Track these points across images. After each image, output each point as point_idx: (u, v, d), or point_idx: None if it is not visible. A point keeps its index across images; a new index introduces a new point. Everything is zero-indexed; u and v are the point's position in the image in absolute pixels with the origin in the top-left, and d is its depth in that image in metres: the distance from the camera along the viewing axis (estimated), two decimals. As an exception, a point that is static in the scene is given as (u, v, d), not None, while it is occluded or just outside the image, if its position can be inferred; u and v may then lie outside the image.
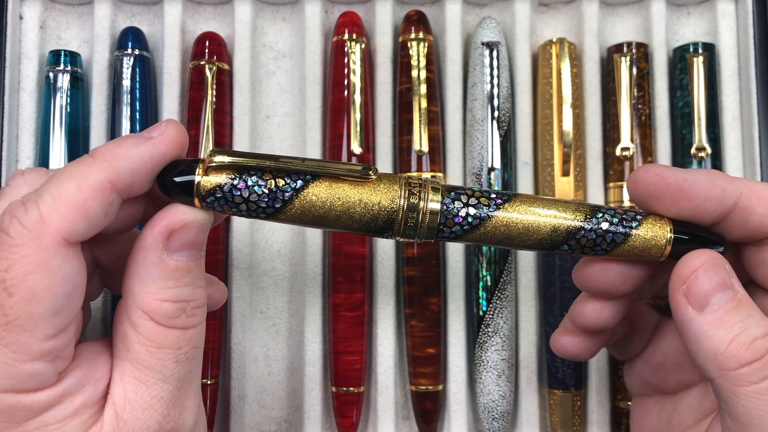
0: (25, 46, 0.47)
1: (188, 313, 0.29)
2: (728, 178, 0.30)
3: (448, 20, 0.48)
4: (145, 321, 0.28)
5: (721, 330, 0.28)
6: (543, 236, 0.31)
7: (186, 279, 0.28)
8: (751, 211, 0.30)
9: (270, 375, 0.47)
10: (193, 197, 0.29)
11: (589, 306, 0.34)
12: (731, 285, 0.29)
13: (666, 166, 0.31)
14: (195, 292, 0.29)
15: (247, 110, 0.47)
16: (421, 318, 0.45)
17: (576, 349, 0.36)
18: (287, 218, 0.30)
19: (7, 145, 0.45)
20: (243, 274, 0.46)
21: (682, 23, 0.50)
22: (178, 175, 0.29)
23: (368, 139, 0.46)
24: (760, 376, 0.27)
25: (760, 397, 0.27)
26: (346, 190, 0.30)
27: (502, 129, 0.46)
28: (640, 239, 0.31)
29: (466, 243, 0.32)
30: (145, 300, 0.28)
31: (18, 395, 0.26)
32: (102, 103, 0.46)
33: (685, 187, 0.30)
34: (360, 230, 0.30)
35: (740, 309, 0.28)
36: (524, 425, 0.46)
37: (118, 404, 0.28)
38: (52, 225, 0.25)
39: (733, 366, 0.27)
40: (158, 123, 0.29)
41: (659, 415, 0.36)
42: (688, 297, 0.29)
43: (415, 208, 0.30)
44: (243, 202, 0.29)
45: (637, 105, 0.47)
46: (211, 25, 0.49)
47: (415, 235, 0.31)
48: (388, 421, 0.46)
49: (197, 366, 0.30)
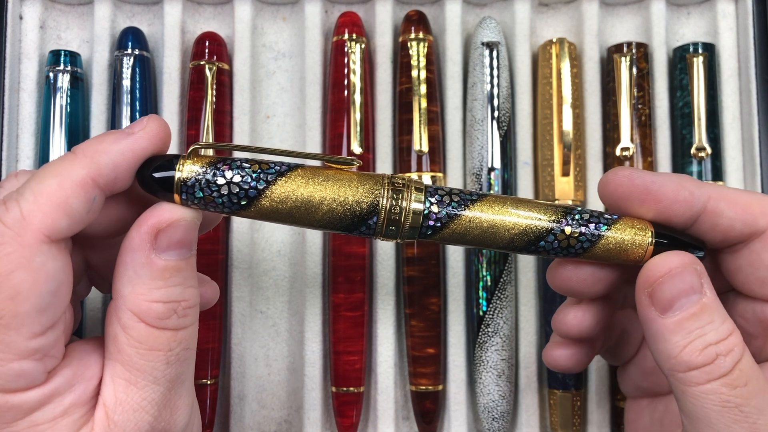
0: (25, 46, 0.47)
1: (179, 314, 0.28)
2: (697, 182, 0.31)
3: (448, 20, 0.48)
4: (135, 323, 0.28)
5: (678, 335, 0.28)
6: (515, 235, 0.31)
7: (176, 279, 0.28)
8: (719, 214, 0.30)
9: (270, 375, 0.47)
10: (172, 193, 0.29)
11: (571, 314, 0.34)
12: (698, 289, 0.29)
13: (635, 169, 0.31)
14: (186, 292, 0.29)
15: (247, 110, 0.47)
16: (421, 318, 0.45)
17: (569, 362, 0.36)
18: (269, 203, 0.29)
19: (7, 145, 0.45)
20: (243, 274, 0.46)
21: (682, 23, 0.50)
22: (156, 170, 0.29)
23: (368, 139, 0.46)
24: (706, 379, 0.28)
25: (704, 396, 0.28)
26: (329, 177, 0.30)
27: (502, 129, 0.46)
28: (614, 241, 0.31)
29: (444, 243, 0.31)
30: (135, 301, 0.27)
31: (6, 395, 0.26)
32: (102, 103, 0.46)
33: (653, 190, 0.30)
34: (341, 222, 0.30)
35: (701, 315, 0.28)
36: (524, 425, 0.46)
37: (108, 405, 0.28)
38: (34, 222, 0.25)
39: (683, 369, 0.28)
40: (140, 119, 0.29)
41: (651, 416, 0.36)
42: (652, 299, 0.29)
43: (398, 205, 0.30)
44: (226, 184, 0.29)
45: (637, 105, 0.47)
46: (211, 25, 0.49)
47: (397, 235, 0.30)
48: (388, 421, 0.46)
49: (189, 367, 0.30)
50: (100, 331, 0.45)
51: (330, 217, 0.30)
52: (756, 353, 0.32)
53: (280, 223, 0.30)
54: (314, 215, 0.30)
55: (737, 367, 0.28)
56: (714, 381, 0.28)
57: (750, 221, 0.30)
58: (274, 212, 0.29)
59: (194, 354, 0.30)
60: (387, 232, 0.30)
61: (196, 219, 0.29)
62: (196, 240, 0.29)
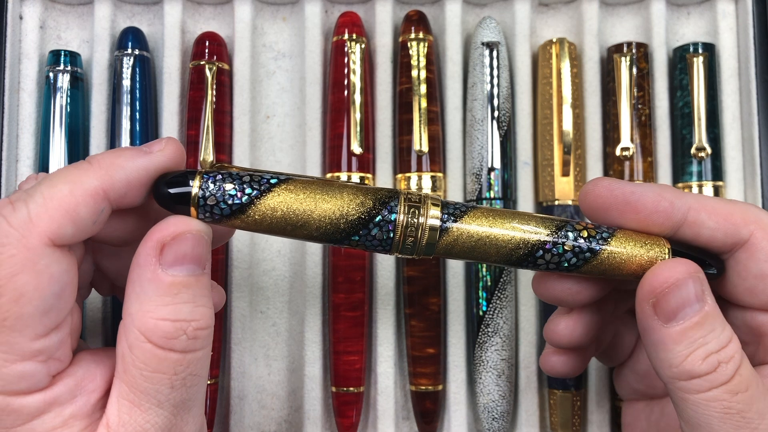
0: (25, 46, 0.47)
1: (189, 335, 0.27)
2: (678, 192, 0.31)
3: (448, 20, 0.48)
4: (142, 342, 0.27)
5: (681, 345, 0.28)
6: (511, 249, 0.30)
7: (185, 296, 0.27)
8: (701, 224, 0.30)
9: (270, 375, 0.47)
10: (189, 206, 0.28)
11: (562, 324, 0.34)
12: (701, 298, 0.29)
13: (615, 180, 0.31)
14: (196, 312, 0.27)
15: (247, 110, 0.47)
16: (421, 318, 0.45)
17: (566, 368, 0.36)
18: (275, 203, 0.29)
19: (7, 145, 0.45)
20: (243, 274, 0.46)
21: (682, 23, 0.50)
22: (172, 185, 0.28)
23: (368, 139, 0.46)
24: (708, 387, 0.28)
25: (706, 404, 0.28)
26: (335, 189, 0.29)
27: (502, 129, 0.46)
28: (618, 256, 0.30)
29: (453, 258, 0.31)
30: (142, 319, 0.27)
31: (8, 397, 0.26)
32: (102, 103, 0.46)
33: (632, 200, 0.30)
34: (349, 241, 0.30)
35: (704, 324, 0.28)
36: (524, 425, 0.46)
37: (112, 426, 0.27)
38: (40, 225, 0.25)
39: (685, 378, 0.28)
40: (158, 139, 0.29)
41: (648, 419, 0.36)
42: (656, 309, 0.29)
43: (416, 222, 0.30)
44: (229, 206, 0.28)
45: (637, 105, 0.47)
46: (211, 25, 0.49)
47: (413, 251, 0.30)
48: (388, 421, 0.46)
49: (198, 393, 0.28)
50: (101, 332, 0.45)
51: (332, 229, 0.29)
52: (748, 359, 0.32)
53: (289, 237, 0.30)
54: (312, 226, 0.29)
55: (738, 373, 0.28)
56: (716, 388, 0.28)
57: (732, 231, 0.30)
58: (280, 229, 0.29)
59: (205, 380, 0.29)
60: (403, 248, 0.30)
61: (204, 233, 0.28)
62: (209, 258, 0.29)
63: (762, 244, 0.30)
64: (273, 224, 0.29)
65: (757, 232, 0.30)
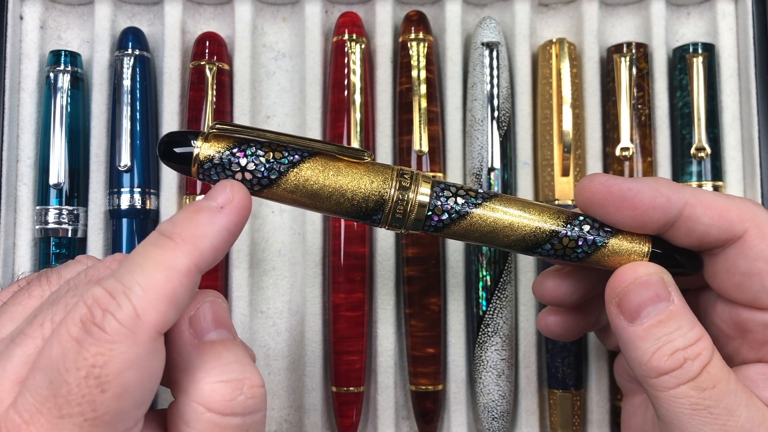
0: (26, 46, 0.47)
1: (246, 394, 0.26)
2: (674, 186, 0.31)
3: (448, 20, 0.48)
4: (201, 414, 0.25)
5: (647, 342, 0.29)
6: (524, 235, 0.31)
7: (228, 356, 0.27)
8: (695, 219, 0.30)
9: (270, 375, 0.47)
10: (191, 165, 0.30)
11: (550, 280, 0.36)
12: (665, 297, 0.30)
13: (611, 176, 0.31)
14: (246, 370, 0.27)
15: (247, 110, 0.47)
16: (421, 318, 0.45)
17: (560, 328, 0.37)
18: (281, 191, 0.30)
19: (7, 145, 0.45)
20: (243, 274, 0.46)
21: (681, 23, 0.50)
22: (178, 145, 0.30)
23: (368, 139, 0.46)
24: (675, 383, 0.28)
25: (675, 400, 0.29)
26: (341, 170, 0.31)
27: (502, 129, 0.46)
28: (614, 249, 0.31)
29: (449, 237, 0.32)
30: (196, 389, 0.26)
31: None
32: (102, 103, 0.46)
33: (629, 196, 0.30)
34: (349, 213, 0.31)
35: (669, 322, 0.29)
36: (524, 425, 0.46)
37: None
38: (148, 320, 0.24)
39: (654, 375, 0.29)
40: (221, 186, 0.28)
41: (644, 414, 0.36)
42: (620, 308, 0.30)
43: (405, 197, 0.31)
44: (240, 171, 0.30)
45: (636, 105, 0.47)
46: (212, 26, 0.49)
47: (402, 225, 0.31)
48: (388, 421, 0.46)
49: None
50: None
51: (343, 201, 0.31)
52: (733, 354, 0.33)
53: (289, 205, 0.31)
54: (324, 205, 0.31)
55: (705, 370, 0.28)
56: (683, 385, 0.28)
57: (726, 227, 0.30)
58: (290, 193, 0.31)
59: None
60: (392, 221, 0.31)
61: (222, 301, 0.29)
62: (231, 323, 0.29)
63: (754, 242, 0.30)
64: (299, 196, 0.31)
65: (751, 230, 0.30)
